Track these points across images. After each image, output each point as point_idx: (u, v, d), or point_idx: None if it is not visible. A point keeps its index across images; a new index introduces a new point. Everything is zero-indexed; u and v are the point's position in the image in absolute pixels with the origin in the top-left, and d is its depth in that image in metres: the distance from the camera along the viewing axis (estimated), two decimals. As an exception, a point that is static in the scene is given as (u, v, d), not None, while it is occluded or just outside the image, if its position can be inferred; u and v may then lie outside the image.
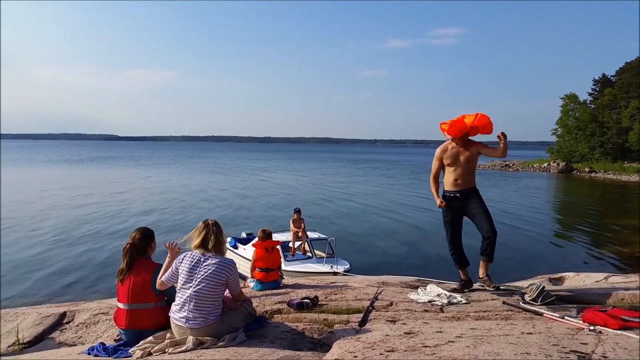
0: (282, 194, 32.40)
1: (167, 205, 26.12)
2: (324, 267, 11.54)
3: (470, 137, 5.30)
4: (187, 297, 3.61)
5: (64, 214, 22.67)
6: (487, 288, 5.31)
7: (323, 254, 12.81)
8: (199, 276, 3.64)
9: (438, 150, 5.41)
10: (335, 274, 10.73)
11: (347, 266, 11.78)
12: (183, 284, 3.67)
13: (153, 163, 73.19)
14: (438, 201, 5.36)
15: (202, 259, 3.71)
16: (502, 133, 4.99)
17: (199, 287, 3.61)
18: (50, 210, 23.70)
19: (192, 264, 3.70)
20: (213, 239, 3.77)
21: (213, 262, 3.69)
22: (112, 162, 74.69)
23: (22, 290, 11.68)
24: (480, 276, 5.40)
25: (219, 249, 3.79)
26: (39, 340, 4.67)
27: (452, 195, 5.31)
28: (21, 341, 4.54)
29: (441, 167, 5.43)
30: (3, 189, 30.64)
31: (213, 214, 21.89)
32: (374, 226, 20.87)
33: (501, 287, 5.42)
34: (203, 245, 3.76)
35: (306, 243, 12.79)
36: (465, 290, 5.36)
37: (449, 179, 5.33)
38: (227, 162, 78.26)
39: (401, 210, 25.38)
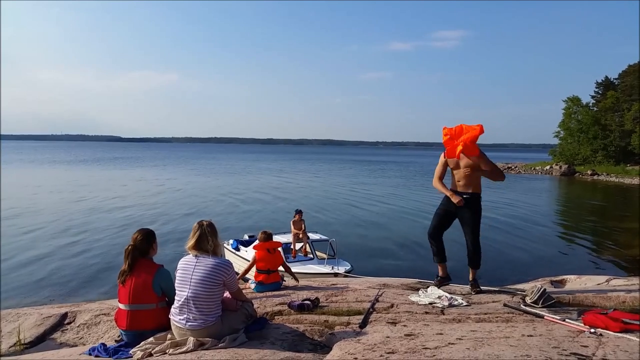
0: (287, 195, 32.41)
1: (174, 207, 26.16)
2: (325, 269, 11.54)
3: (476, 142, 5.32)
4: (185, 299, 3.63)
5: (67, 214, 22.72)
6: (471, 292, 5.41)
7: (324, 255, 12.81)
8: (194, 278, 3.65)
9: (442, 155, 5.49)
10: (336, 275, 10.73)
11: (348, 267, 11.78)
12: (180, 287, 3.70)
13: (157, 164, 73.35)
14: (455, 198, 5.28)
15: (196, 261, 3.72)
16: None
17: (195, 288, 3.62)
18: (54, 210, 23.75)
19: (186, 266, 3.72)
20: (207, 240, 3.77)
21: (207, 263, 3.70)
22: (117, 163, 74.86)
23: (24, 290, 11.71)
24: (470, 280, 5.57)
25: (214, 250, 3.79)
26: (41, 341, 4.69)
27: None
28: (23, 342, 4.55)
29: (444, 171, 5.50)
30: (11, 189, 30.84)
31: (216, 215, 21.93)
32: (377, 228, 20.88)
33: (483, 289, 5.50)
34: (197, 246, 3.77)
35: (307, 244, 12.80)
36: (442, 286, 5.49)
37: (453, 181, 5.42)
38: (232, 164, 78.38)
39: (404, 212, 25.38)
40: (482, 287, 5.51)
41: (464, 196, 5.27)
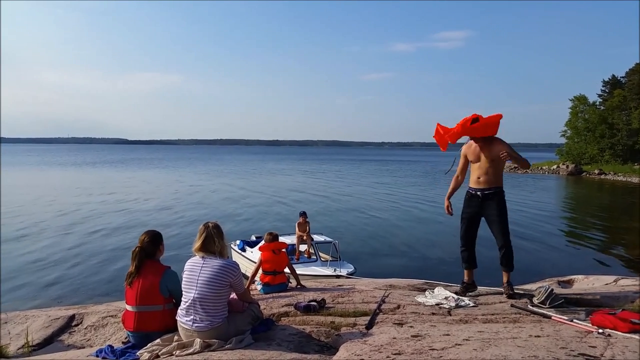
0: (293, 197, 32.41)
1: (185, 205, 26.22)
2: (328, 270, 11.51)
3: (497, 136, 5.11)
4: (192, 300, 3.64)
5: (73, 216, 22.82)
6: (504, 294, 5.18)
7: (328, 257, 12.79)
8: (200, 279, 3.65)
9: (464, 147, 5.30)
10: (338, 277, 10.71)
11: (351, 269, 11.75)
12: (186, 288, 3.71)
13: (167, 165, 73.66)
14: (446, 203, 5.30)
15: (202, 262, 3.73)
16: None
17: (201, 290, 3.63)
18: (58, 213, 23.87)
19: (193, 267, 3.73)
20: (213, 241, 3.78)
21: (214, 264, 3.70)
22: (125, 165, 75.18)
23: (32, 293, 11.77)
24: (503, 283, 5.27)
25: (221, 252, 3.80)
26: (48, 343, 4.71)
27: (474, 193, 5.17)
28: (30, 343, 4.58)
29: (466, 165, 5.32)
30: (25, 190, 31.07)
31: (221, 215, 21.95)
32: (382, 228, 20.82)
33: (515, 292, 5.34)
34: (204, 248, 3.78)
35: (311, 246, 12.79)
36: (468, 293, 5.28)
37: (472, 177, 5.21)
38: (240, 165, 78.58)
39: (410, 213, 25.32)
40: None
41: (486, 192, 5.06)
